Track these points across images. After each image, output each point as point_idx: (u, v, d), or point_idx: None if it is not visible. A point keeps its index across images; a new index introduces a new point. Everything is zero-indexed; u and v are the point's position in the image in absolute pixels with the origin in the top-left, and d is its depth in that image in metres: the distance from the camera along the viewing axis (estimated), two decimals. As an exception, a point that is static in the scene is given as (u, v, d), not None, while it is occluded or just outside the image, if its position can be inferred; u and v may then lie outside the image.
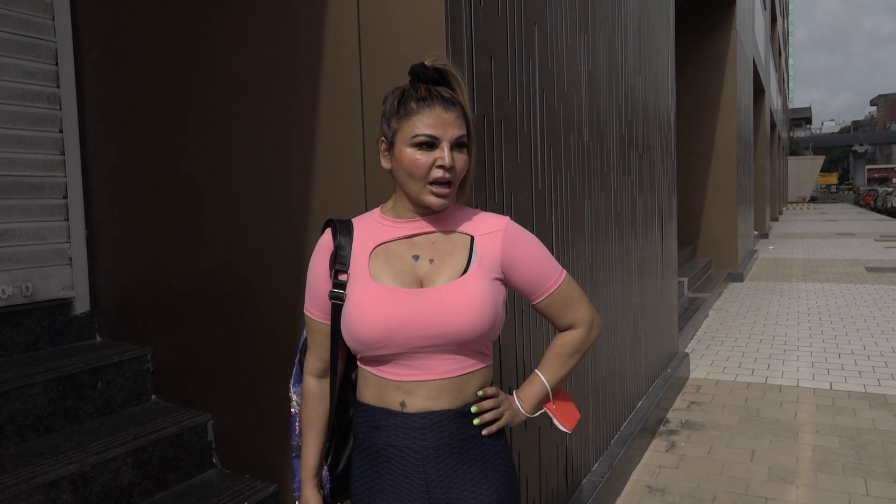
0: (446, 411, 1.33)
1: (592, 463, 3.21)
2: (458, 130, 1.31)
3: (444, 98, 1.30)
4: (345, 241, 1.38)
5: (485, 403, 1.37)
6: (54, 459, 2.16)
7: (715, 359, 5.90)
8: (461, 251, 1.36)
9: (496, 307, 1.32)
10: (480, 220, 1.41)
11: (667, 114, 4.95)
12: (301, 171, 2.23)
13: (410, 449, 1.32)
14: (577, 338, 1.49)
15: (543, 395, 1.48)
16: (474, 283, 1.31)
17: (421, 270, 1.34)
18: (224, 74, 2.40)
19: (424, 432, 1.32)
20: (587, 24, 3.13)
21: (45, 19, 2.81)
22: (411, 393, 1.32)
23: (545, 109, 2.62)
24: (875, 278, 10.36)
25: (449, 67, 1.34)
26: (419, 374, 1.31)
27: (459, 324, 1.28)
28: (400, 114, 1.31)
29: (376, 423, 1.35)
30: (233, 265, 2.45)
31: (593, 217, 3.22)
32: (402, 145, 1.30)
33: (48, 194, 2.84)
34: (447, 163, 1.28)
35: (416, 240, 1.37)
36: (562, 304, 1.46)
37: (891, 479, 3.38)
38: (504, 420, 1.41)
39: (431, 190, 1.30)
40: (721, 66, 10.35)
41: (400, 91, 1.34)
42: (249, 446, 2.47)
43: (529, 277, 1.41)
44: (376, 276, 1.33)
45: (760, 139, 18.16)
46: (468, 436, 1.36)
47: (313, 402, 1.48)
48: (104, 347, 2.78)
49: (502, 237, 1.38)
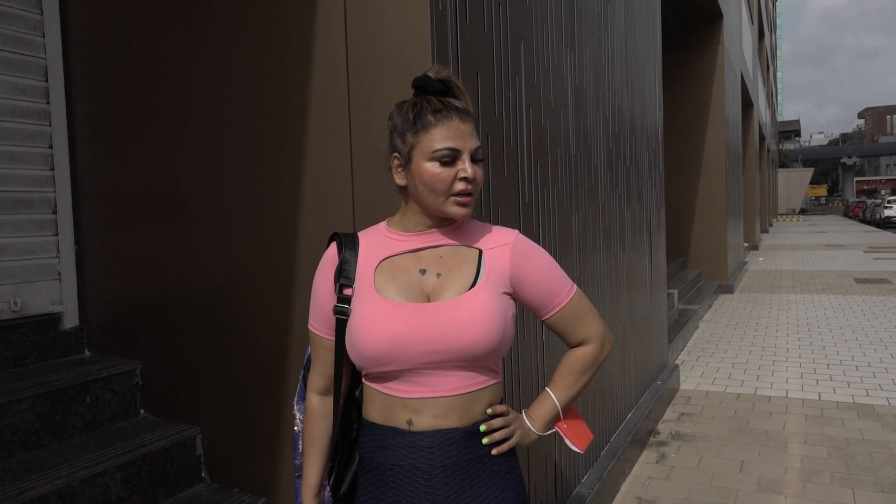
0: (454, 430, 1.29)
1: (582, 475, 3.21)
2: (475, 142, 1.29)
3: (458, 109, 1.28)
4: (350, 254, 1.35)
5: (494, 422, 1.33)
6: (42, 474, 2.15)
7: (705, 370, 5.93)
8: (469, 265, 1.33)
9: (505, 322, 1.29)
10: (489, 233, 1.39)
11: (654, 127, 5.01)
12: (290, 186, 2.25)
13: (418, 469, 1.29)
14: (588, 354, 1.45)
15: (554, 413, 1.45)
16: (482, 297, 1.28)
17: (428, 285, 1.31)
18: (213, 91, 2.43)
19: (432, 451, 1.28)
20: (573, 40, 3.17)
21: (36, 36, 2.83)
22: (418, 411, 1.28)
23: (532, 124, 2.66)
24: (864, 289, 10.44)
25: (453, 78, 1.33)
26: (426, 390, 1.28)
27: (467, 339, 1.25)
28: (417, 127, 1.27)
29: (383, 442, 1.31)
30: (222, 279, 2.47)
31: (581, 230, 3.25)
32: (421, 160, 1.27)
33: (37, 210, 2.85)
34: (470, 175, 1.27)
35: (423, 254, 1.34)
36: (573, 320, 1.42)
37: (878, 489, 3.40)
38: (515, 439, 1.37)
39: (456, 200, 1.28)
40: (709, 80, 10.47)
41: (411, 104, 1.31)
42: (238, 460, 2.47)
43: (539, 292, 1.38)
44: (382, 290, 1.30)
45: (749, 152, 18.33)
46: (477, 455, 1.32)
47: (316, 420, 1.44)
48: (93, 362, 2.78)
49: (511, 251, 1.36)
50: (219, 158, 2.44)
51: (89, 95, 2.86)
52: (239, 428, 2.46)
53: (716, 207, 10.40)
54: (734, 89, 12.07)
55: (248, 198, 2.36)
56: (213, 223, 2.48)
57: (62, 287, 2.91)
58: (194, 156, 2.51)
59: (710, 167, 10.42)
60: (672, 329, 6.70)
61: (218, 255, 2.47)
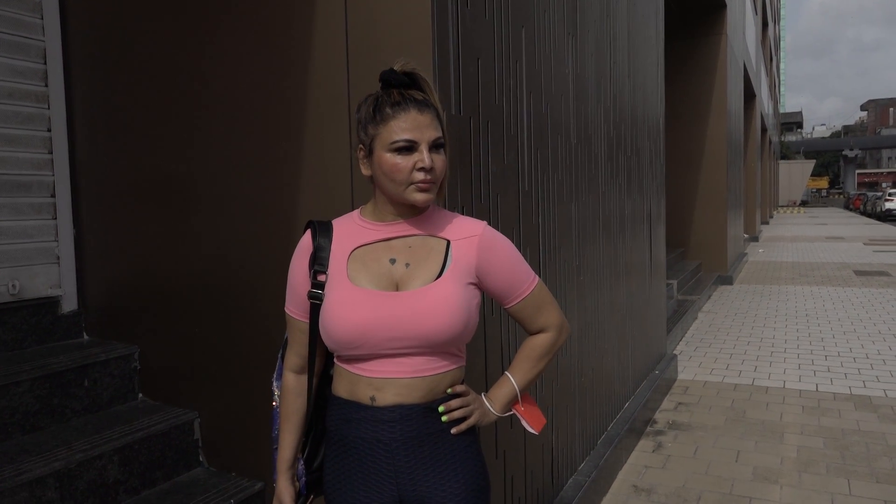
0: (415, 405, 1.36)
1: (579, 462, 3.23)
2: (434, 132, 1.34)
3: (417, 101, 1.33)
4: (324, 242, 1.42)
5: (452, 402, 1.40)
6: (40, 457, 2.16)
7: (703, 360, 5.94)
8: (436, 255, 1.39)
9: (469, 311, 1.36)
10: (457, 224, 1.44)
11: (655, 117, 4.99)
12: (290, 173, 2.24)
13: (380, 441, 1.36)
14: (546, 341, 1.53)
15: (513, 396, 1.52)
16: (447, 287, 1.35)
17: (397, 274, 1.37)
18: (214, 78, 2.41)
19: (393, 425, 1.35)
20: (575, 28, 3.15)
21: (35, 18, 2.81)
22: (381, 388, 1.35)
23: (532, 112, 2.64)
24: (863, 282, 10.45)
25: (418, 70, 1.37)
26: (391, 372, 1.35)
27: (431, 327, 1.31)
28: (376, 120, 1.33)
29: (347, 415, 1.39)
30: (221, 265, 2.46)
31: (581, 219, 3.25)
32: (381, 151, 1.33)
33: (36, 193, 2.84)
34: (427, 164, 1.31)
35: (394, 243, 1.40)
36: (533, 309, 1.50)
37: (873, 480, 3.42)
38: (474, 419, 1.44)
39: (416, 187, 1.33)
40: (711, 70, 10.41)
41: (374, 97, 1.37)
42: (236, 444, 2.48)
43: (503, 282, 1.45)
44: (354, 278, 1.37)
45: (751, 143, 18.27)
46: (437, 430, 1.39)
47: (292, 396, 1.52)
48: (91, 346, 2.78)
49: (478, 242, 1.41)
50: (219, 145, 2.43)
51: (88, 79, 2.84)
52: (237, 413, 2.46)
53: (716, 198, 10.38)
54: (737, 80, 12.01)
55: (248, 184, 2.36)
56: (212, 209, 2.47)
57: (61, 271, 2.91)
58: (194, 140, 2.50)
59: (711, 158, 10.39)
60: (671, 319, 6.71)
61: (217, 241, 2.47)
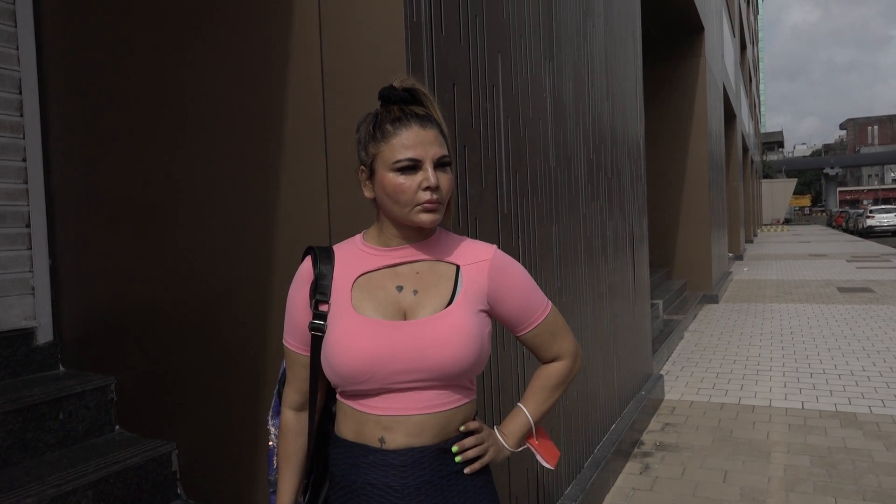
0: (427, 447, 1.27)
1: (565, 487, 3.19)
2: (439, 149, 1.25)
3: (419, 116, 1.25)
4: (326, 269, 1.31)
5: (466, 441, 1.31)
6: (10, 493, 2.11)
7: (689, 380, 5.94)
8: (446, 282, 1.30)
9: (481, 340, 1.27)
10: (467, 248, 1.36)
11: (636, 138, 5.03)
12: (266, 198, 2.23)
13: (391, 487, 1.25)
14: (561, 370, 1.44)
15: (527, 429, 1.42)
16: (459, 315, 1.26)
17: (405, 302, 1.28)
18: (188, 104, 2.41)
19: (405, 470, 1.25)
20: (552, 52, 3.18)
21: (10, 49, 2.81)
22: (391, 428, 1.25)
23: (510, 135, 2.66)
24: (846, 298, 10.52)
25: (418, 86, 1.30)
26: (400, 409, 1.25)
27: (443, 358, 1.23)
28: (377, 138, 1.25)
29: (354, 459, 1.28)
30: (198, 294, 2.44)
31: (561, 241, 3.25)
32: (384, 171, 1.24)
33: (10, 223, 2.81)
34: (433, 183, 1.23)
35: (400, 269, 1.31)
36: (547, 336, 1.41)
37: (860, 498, 3.41)
38: (488, 457, 1.34)
39: (422, 208, 1.24)
40: (691, 91, 10.57)
41: (373, 115, 1.29)
42: (215, 476, 2.43)
43: (516, 309, 1.36)
44: (359, 307, 1.27)
45: (733, 163, 18.50)
46: (450, 472, 1.29)
47: (291, 436, 1.41)
48: (67, 378, 2.73)
49: (489, 267, 1.33)
50: (194, 171, 2.41)
51: (64, 108, 2.83)
52: (215, 443, 2.42)
53: (700, 218, 10.47)
54: (716, 101, 12.19)
55: (224, 211, 2.34)
56: (188, 237, 2.45)
57: (36, 302, 2.87)
58: (169, 170, 2.49)
59: (693, 178, 10.50)
60: (657, 339, 6.71)
61: (193, 270, 2.44)
